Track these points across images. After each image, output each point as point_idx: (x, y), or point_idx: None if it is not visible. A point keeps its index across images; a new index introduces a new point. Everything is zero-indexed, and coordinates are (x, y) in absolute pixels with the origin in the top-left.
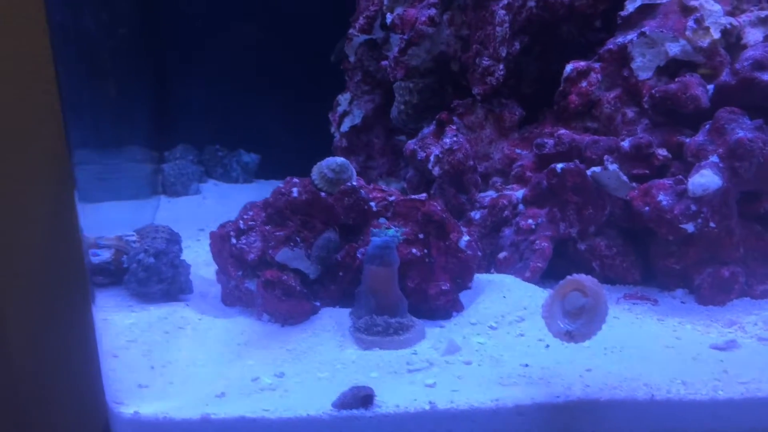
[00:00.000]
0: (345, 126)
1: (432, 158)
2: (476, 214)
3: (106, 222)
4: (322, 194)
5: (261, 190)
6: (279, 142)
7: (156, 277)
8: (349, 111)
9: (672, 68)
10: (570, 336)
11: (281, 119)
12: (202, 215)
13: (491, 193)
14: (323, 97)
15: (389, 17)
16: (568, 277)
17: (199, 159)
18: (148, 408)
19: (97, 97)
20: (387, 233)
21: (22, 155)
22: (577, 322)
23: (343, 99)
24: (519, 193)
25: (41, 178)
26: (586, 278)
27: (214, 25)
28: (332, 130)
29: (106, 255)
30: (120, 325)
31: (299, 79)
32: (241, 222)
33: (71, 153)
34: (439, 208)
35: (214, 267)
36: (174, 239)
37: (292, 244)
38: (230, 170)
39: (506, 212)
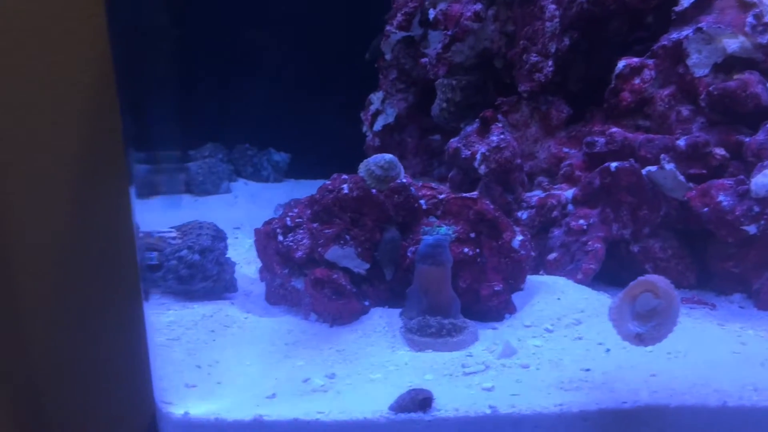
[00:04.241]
0: (378, 125)
1: (478, 156)
2: (523, 214)
3: None
4: (373, 191)
5: (292, 190)
6: (309, 141)
7: (200, 274)
8: (381, 110)
9: (729, 65)
10: (640, 339)
11: (311, 118)
12: (235, 214)
13: (538, 193)
14: (354, 96)
15: (432, 13)
16: (640, 278)
17: (229, 158)
18: (198, 408)
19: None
20: (439, 231)
21: (82, 151)
22: (648, 325)
23: (376, 98)
24: (568, 192)
25: (98, 174)
26: (658, 279)
27: (244, 22)
28: (364, 129)
29: None
30: (157, 323)
31: (330, 77)
32: (288, 219)
33: (127, 150)
34: (491, 206)
35: (254, 265)
36: (220, 236)
37: (342, 242)
38: (261, 169)
39: (555, 212)
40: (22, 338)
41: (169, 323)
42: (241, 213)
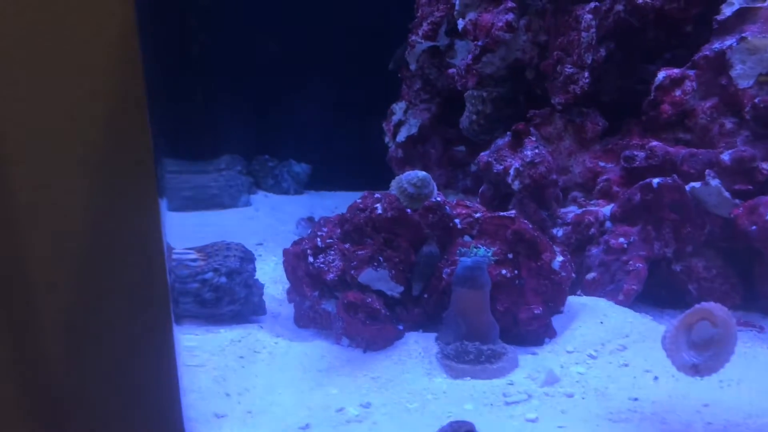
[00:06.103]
0: (401, 136)
1: (512, 171)
2: (558, 232)
3: None
4: (408, 211)
5: (314, 202)
6: (330, 152)
7: (227, 297)
8: (404, 120)
9: None
10: (696, 370)
11: (333, 128)
12: (257, 228)
13: (573, 209)
14: (376, 106)
15: (461, 23)
16: (696, 305)
17: (249, 169)
18: None
19: None
20: (477, 253)
21: (111, 164)
22: (704, 355)
23: (398, 108)
24: (606, 209)
25: (124, 184)
26: (715, 306)
27: (263, 32)
28: (386, 140)
29: None
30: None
31: (351, 87)
32: (318, 239)
33: (158, 162)
34: (530, 226)
35: (281, 285)
36: (248, 257)
37: (375, 264)
38: (281, 181)
39: (592, 230)
40: (39, 360)
41: (191, 348)
42: (262, 227)
